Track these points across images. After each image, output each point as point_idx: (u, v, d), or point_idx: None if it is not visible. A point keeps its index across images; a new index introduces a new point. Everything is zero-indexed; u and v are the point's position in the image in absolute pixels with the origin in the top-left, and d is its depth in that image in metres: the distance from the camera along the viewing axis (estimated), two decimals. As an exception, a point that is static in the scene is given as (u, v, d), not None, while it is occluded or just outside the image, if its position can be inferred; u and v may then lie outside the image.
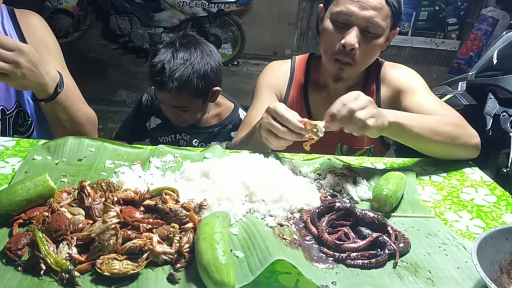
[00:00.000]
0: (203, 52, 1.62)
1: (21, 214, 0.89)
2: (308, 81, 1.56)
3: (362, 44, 1.33)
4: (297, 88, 1.56)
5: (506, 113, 2.38)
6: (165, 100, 1.64)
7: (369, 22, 1.31)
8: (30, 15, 1.41)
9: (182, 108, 1.64)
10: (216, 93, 1.70)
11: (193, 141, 1.79)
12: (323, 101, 1.51)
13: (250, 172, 1.04)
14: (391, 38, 1.43)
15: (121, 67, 5.61)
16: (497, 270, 0.80)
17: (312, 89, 1.55)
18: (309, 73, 1.56)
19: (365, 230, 0.89)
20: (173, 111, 1.67)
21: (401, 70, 1.50)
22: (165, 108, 1.69)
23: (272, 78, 1.58)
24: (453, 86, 2.90)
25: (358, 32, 1.31)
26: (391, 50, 6.45)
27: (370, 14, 1.30)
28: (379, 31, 1.32)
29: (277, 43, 6.38)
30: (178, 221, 0.87)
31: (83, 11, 5.86)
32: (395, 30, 1.42)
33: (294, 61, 1.60)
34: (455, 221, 1.03)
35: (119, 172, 1.10)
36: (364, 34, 1.32)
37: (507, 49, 2.63)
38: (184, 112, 1.66)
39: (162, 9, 5.68)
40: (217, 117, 1.81)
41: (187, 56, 1.58)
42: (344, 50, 1.33)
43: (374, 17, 1.30)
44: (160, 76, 1.57)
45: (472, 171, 1.27)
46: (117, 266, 0.76)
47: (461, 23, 6.30)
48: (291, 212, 0.98)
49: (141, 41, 5.81)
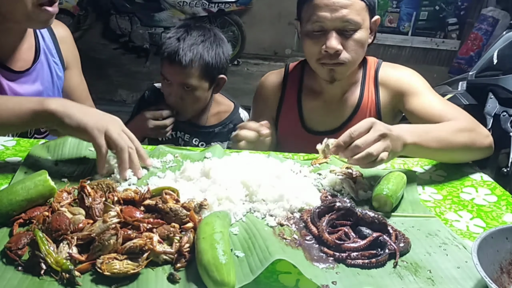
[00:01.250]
0: (216, 35, 1.65)
1: (21, 214, 0.89)
2: (302, 88, 1.54)
3: (344, 43, 1.32)
4: (290, 96, 1.55)
5: (506, 113, 2.37)
6: (173, 76, 1.60)
7: (343, 22, 1.29)
8: (61, 27, 1.51)
9: (188, 87, 1.61)
10: (222, 81, 1.70)
11: (193, 140, 1.78)
12: (318, 108, 1.50)
13: (250, 172, 1.04)
14: (375, 28, 1.41)
15: (121, 67, 5.61)
16: (497, 270, 0.80)
17: (307, 96, 1.53)
18: (303, 80, 1.55)
19: (365, 230, 0.89)
20: (178, 92, 1.62)
21: (401, 71, 1.47)
22: (168, 91, 1.65)
23: (262, 99, 1.61)
24: (453, 86, 2.90)
25: (336, 34, 1.30)
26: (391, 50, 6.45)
27: (343, 14, 1.28)
28: (356, 26, 1.31)
29: (277, 43, 6.37)
30: (178, 221, 0.87)
31: (83, 11, 5.86)
32: (376, 18, 1.40)
33: (287, 69, 1.59)
34: (455, 220, 1.03)
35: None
36: (343, 34, 1.31)
37: (507, 49, 2.63)
38: (189, 95, 1.63)
39: (162, 9, 5.68)
40: (217, 116, 1.80)
41: (201, 33, 1.62)
42: (329, 54, 1.33)
43: (347, 15, 1.28)
44: (173, 47, 1.57)
45: (472, 171, 1.27)
46: (117, 265, 0.76)
47: (461, 23, 6.30)
48: (291, 212, 0.98)
49: (141, 41, 5.81)
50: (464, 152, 1.23)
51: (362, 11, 1.32)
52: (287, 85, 1.56)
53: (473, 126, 1.25)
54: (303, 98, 1.53)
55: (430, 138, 1.15)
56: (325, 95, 1.49)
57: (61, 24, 1.52)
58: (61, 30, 1.50)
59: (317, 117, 1.51)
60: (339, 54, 1.32)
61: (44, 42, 1.43)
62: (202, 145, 1.75)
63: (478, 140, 1.23)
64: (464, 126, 1.23)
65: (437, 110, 1.31)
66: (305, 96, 1.53)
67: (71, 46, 1.54)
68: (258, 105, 1.64)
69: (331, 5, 1.28)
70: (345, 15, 1.28)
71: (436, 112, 1.30)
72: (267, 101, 1.59)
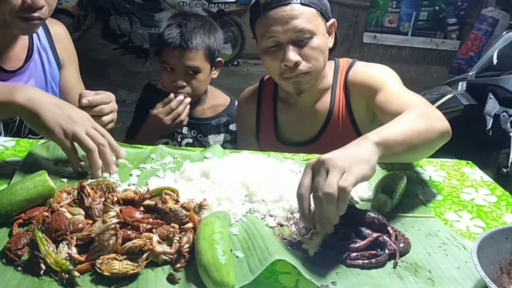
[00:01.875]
0: (211, 21, 1.73)
1: (21, 214, 0.89)
2: (277, 101, 1.54)
3: (302, 53, 1.29)
4: (266, 110, 1.55)
5: (506, 113, 2.37)
6: (179, 60, 1.62)
7: (296, 32, 1.27)
8: (57, 25, 1.50)
9: (193, 70, 1.63)
10: (219, 64, 1.75)
11: (191, 132, 1.79)
12: (293, 120, 1.49)
13: (250, 172, 1.04)
14: (333, 31, 1.39)
15: (121, 67, 5.61)
16: (497, 270, 0.80)
17: (281, 108, 1.52)
18: (277, 93, 1.54)
19: (365, 230, 0.89)
20: (182, 78, 1.64)
21: (370, 67, 1.41)
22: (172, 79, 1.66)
23: (241, 117, 1.65)
24: (453, 86, 2.90)
25: (292, 46, 1.28)
26: (391, 50, 6.46)
27: (294, 25, 1.26)
28: (311, 34, 1.28)
29: (277, 43, 6.38)
30: (178, 221, 0.87)
31: (83, 11, 5.87)
32: (332, 22, 1.37)
33: (261, 85, 1.58)
34: (455, 221, 1.03)
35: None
36: (298, 44, 1.29)
37: (507, 49, 2.63)
38: (193, 79, 1.65)
39: (162, 9, 5.69)
40: (213, 109, 1.82)
41: (199, 19, 1.69)
42: (289, 68, 1.30)
43: (298, 25, 1.26)
44: (176, 33, 1.61)
45: (472, 171, 1.27)
46: (117, 266, 0.75)
47: (461, 23, 6.31)
48: (291, 212, 0.98)
49: (141, 41, 5.82)
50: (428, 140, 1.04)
51: (314, 17, 1.30)
52: (262, 100, 1.56)
53: (429, 111, 1.12)
54: (278, 110, 1.53)
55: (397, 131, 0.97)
56: (298, 106, 1.48)
57: (57, 22, 1.51)
58: (57, 28, 1.48)
59: (292, 128, 1.51)
60: (298, 65, 1.30)
61: (39, 40, 1.42)
62: (199, 137, 1.78)
63: (437, 122, 1.07)
64: (420, 112, 1.09)
65: (398, 101, 1.22)
66: (280, 108, 1.53)
67: (67, 44, 1.53)
68: (239, 122, 1.68)
69: (281, 18, 1.26)
70: (296, 25, 1.26)
71: (398, 103, 1.20)
72: (246, 118, 1.60)
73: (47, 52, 1.44)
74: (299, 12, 1.27)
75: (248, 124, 1.60)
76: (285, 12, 1.27)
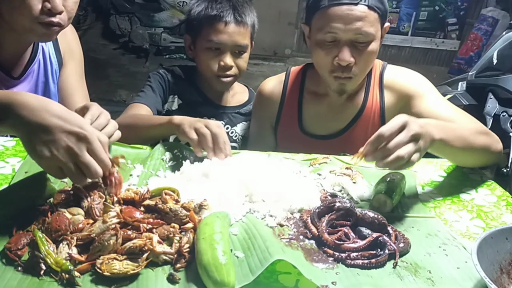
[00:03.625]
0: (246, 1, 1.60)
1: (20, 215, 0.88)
2: (303, 92, 1.53)
3: (357, 56, 1.29)
4: (290, 101, 1.54)
5: (506, 113, 2.37)
6: (229, 37, 1.50)
7: (357, 34, 1.26)
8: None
9: (242, 49, 1.54)
10: (252, 46, 1.64)
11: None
12: (321, 112, 1.49)
13: (250, 172, 1.04)
14: (383, 34, 1.40)
15: (121, 67, 5.61)
16: (497, 270, 0.80)
17: (308, 100, 1.52)
18: (304, 84, 1.53)
19: (365, 230, 0.89)
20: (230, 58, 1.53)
21: (406, 73, 1.45)
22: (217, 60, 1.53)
23: (261, 106, 1.60)
24: (453, 86, 2.90)
25: (348, 46, 1.28)
26: (391, 50, 6.45)
27: (357, 26, 1.25)
28: (370, 38, 1.28)
29: (277, 43, 6.37)
30: (178, 221, 0.87)
31: (83, 11, 5.85)
32: (386, 26, 1.38)
33: (288, 74, 1.57)
34: (455, 221, 1.03)
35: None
36: (355, 46, 1.28)
37: (507, 49, 2.63)
38: (240, 60, 1.56)
39: (162, 9, 5.68)
40: (236, 97, 1.73)
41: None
42: (341, 67, 1.30)
43: (362, 28, 1.25)
44: (219, 8, 1.49)
45: (472, 171, 1.27)
46: (117, 266, 0.76)
47: (461, 23, 6.30)
48: (291, 212, 0.98)
49: (141, 41, 5.81)
50: (482, 155, 1.22)
51: (376, 22, 1.29)
52: (288, 90, 1.54)
53: (487, 130, 1.25)
54: (303, 102, 1.52)
55: (454, 136, 1.10)
56: (329, 99, 1.48)
57: None
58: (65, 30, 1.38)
59: (319, 121, 1.50)
60: (351, 67, 1.30)
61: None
62: (227, 128, 1.67)
63: (493, 144, 1.22)
64: (480, 129, 1.22)
65: (444, 113, 1.30)
66: (306, 100, 1.52)
67: (72, 41, 1.48)
68: (257, 112, 1.63)
69: (345, 17, 1.25)
70: (359, 27, 1.25)
71: (443, 115, 1.28)
72: (267, 108, 1.58)
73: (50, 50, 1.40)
74: (365, 14, 1.26)
75: (267, 113, 1.58)
76: (351, 12, 1.25)
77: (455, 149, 1.11)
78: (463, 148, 1.13)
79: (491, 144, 1.21)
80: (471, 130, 1.19)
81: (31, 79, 1.36)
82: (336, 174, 1.15)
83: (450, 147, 1.09)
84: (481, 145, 1.18)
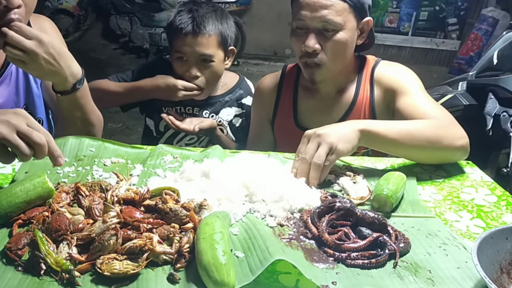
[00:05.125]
0: (222, 9, 1.67)
1: (20, 215, 0.89)
2: (297, 88, 1.56)
3: (323, 43, 1.33)
4: (286, 96, 1.57)
5: (506, 113, 2.38)
6: (192, 48, 1.57)
7: (322, 22, 1.31)
8: (42, 20, 1.40)
9: (207, 58, 1.59)
10: (232, 53, 1.71)
11: (203, 113, 1.74)
12: (314, 106, 1.52)
13: (250, 172, 1.04)
14: (366, 29, 1.41)
15: (121, 67, 5.61)
16: (497, 270, 0.80)
17: (302, 95, 1.55)
18: (299, 80, 1.57)
19: (365, 230, 0.89)
20: (196, 67, 1.60)
21: (396, 68, 1.48)
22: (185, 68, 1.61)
23: (259, 102, 1.65)
24: (453, 86, 2.90)
25: (316, 34, 1.32)
26: (391, 50, 6.45)
27: (322, 14, 1.30)
28: (337, 27, 1.31)
29: (277, 43, 6.38)
30: (178, 221, 0.87)
31: (83, 11, 5.87)
32: (367, 20, 1.39)
33: (284, 70, 1.62)
34: (455, 221, 1.03)
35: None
36: (322, 34, 1.33)
37: (507, 49, 2.64)
38: (207, 69, 1.61)
39: (162, 9, 5.69)
40: (224, 86, 1.78)
41: (210, 5, 1.63)
42: (307, 53, 1.35)
43: (326, 16, 1.30)
44: (187, 19, 1.56)
45: (472, 171, 1.27)
46: (117, 266, 0.76)
47: (461, 23, 6.30)
48: (291, 212, 0.98)
49: (141, 41, 5.82)
50: (428, 150, 1.20)
51: (344, 12, 1.32)
52: (283, 86, 1.59)
53: (447, 125, 1.23)
54: (298, 97, 1.56)
55: (391, 129, 1.16)
56: (320, 94, 1.51)
57: (43, 17, 1.41)
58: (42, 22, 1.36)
59: (313, 115, 1.53)
60: (317, 53, 1.34)
61: None
62: (212, 116, 1.73)
63: (445, 139, 1.20)
64: (435, 124, 1.22)
65: (420, 109, 1.30)
66: (300, 95, 1.56)
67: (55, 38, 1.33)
68: (255, 107, 1.69)
69: (312, 5, 1.31)
70: (324, 15, 1.30)
71: (419, 112, 1.29)
72: (264, 103, 1.62)
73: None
74: (331, 3, 1.30)
75: (265, 108, 1.62)
76: (318, 0, 1.30)
77: (390, 140, 1.16)
78: (400, 140, 1.16)
79: (441, 139, 1.19)
80: (420, 124, 1.21)
81: (10, 82, 1.31)
82: (336, 174, 1.15)
83: (383, 138, 1.15)
84: (424, 139, 1.18)
